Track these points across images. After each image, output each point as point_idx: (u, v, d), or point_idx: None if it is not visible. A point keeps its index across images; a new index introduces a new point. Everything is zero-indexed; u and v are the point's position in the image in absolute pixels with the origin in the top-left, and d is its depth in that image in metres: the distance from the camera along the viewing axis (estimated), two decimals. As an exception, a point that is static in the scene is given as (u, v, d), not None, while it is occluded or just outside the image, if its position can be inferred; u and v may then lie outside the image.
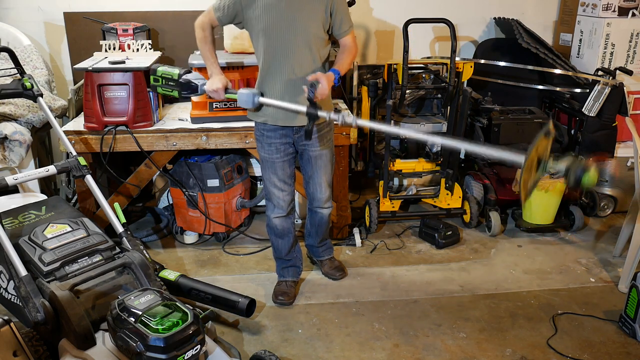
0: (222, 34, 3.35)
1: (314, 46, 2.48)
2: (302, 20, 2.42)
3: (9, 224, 2.46)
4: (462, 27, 4.22)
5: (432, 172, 3.69)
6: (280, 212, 2.75)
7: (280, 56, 2.46)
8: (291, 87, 2.49)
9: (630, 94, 3.73)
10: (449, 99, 3.46)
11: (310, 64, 2.49)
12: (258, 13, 2.43)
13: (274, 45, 2.45)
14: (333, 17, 2.49)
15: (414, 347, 2.52)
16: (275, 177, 2.68)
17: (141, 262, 2.33)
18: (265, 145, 2.63)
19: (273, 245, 2.89)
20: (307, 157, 2.69)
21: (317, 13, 2.45)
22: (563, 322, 2.70)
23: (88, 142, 3.07)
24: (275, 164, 2.65)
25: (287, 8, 2.41)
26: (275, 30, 2.43)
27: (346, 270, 3.10)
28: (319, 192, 2.79)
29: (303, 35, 2.44)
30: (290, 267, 2.92)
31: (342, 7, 2.51)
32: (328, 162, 2.74)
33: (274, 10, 2.41)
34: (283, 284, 2.90)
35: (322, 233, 2.99)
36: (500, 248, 3.44)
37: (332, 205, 2.92)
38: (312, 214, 2.92)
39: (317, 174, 2.74)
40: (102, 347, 2.04)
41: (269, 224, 2.81)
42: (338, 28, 2.54)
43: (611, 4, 3.75)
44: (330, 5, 2.46)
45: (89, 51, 3.49)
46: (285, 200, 2.73)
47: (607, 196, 3.80)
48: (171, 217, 3.62)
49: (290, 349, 2.51)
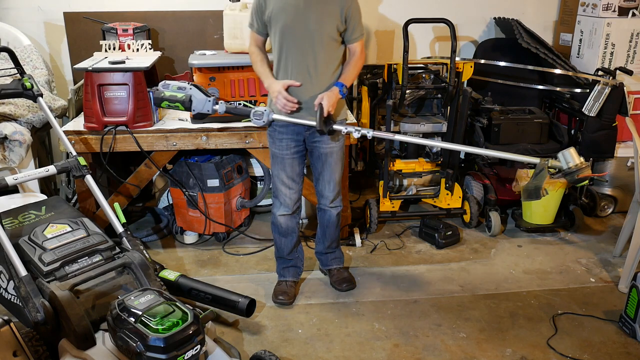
0: (222, 34, 3.35)
1: (327, 46, 2.56)
2: (318, 20, 2.51)
3: (9, 224, 2.46)
4: (462, 27, 4.22)
5: (432, 172, 3.69)
6: (286, 210, 2.76)
7: (296, 54, 2.54)
8: (307, 84, 2.57)
9: (630, 94, 3.73)
10: (449, 99, 3.46)
11: (325, 63, 2.58)
12: (277, 11, 2.52)
13: (289, 43, 2.53)
14: (347, 22, 2.57)
15: (414, 347, 2.52)
16: (284, 174, 2.70)
17: (141, 262, 2.33)
18: (277, 141, 2.67)
19: (276, 243, 2.89)
20: (318, 154, 2.72)
21: (333, 16, 2.53)
22: (563, 322, 2.70)
23: (88, 142, 3.07)
24: (285, 160, 2.68)
25: (305, 8, 2.49)
26: (292, 28, 2.51)
27: (354, 281, 3.01)
28: (327, 190, 2.80)
29: (318, 35, 2.52)
30: (291, 267, 2.92)
31: (356, 14, 2.59)
32: (339, 159, 2.76)
33: (291, 9, 2.50)
34: (283, 283, 2.90)
35: (331, 235, 2.95)
36: (500, 248, 3.44)
37: (341, 204, 2.90)
38: (321, 214, 2.92)
39: (326, 171, 2.76)
40: (102, 347, 2.04)
41: (274, 222, 2.82)
42: (350, 34, 2.60)
43: (611, 4, 3.75)
44: (347, 10, 2.54)
45: (89, 51, 3.49)
46: (291, 198, 2.75)
47: (607, 196, 3.80)
48: (171, 217, 3.62)
49: (290, 349, 2.51)
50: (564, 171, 2.32)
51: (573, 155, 2.30)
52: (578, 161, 2.29)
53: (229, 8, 3.27)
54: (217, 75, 3.18)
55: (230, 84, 3.20)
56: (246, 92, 3.21)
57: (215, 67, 3.18)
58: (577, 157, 2.30)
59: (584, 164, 2.29)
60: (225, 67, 3.19)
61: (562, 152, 2.33)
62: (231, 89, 3.19)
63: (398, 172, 3.65)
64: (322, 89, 2.57)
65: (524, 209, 3.59)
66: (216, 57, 3.25)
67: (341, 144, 2.75)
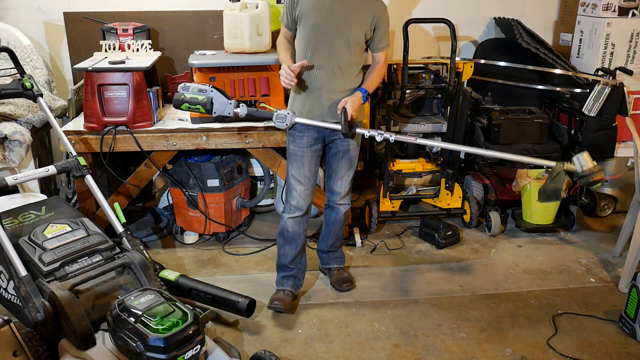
0: (222, 34, 3.35)
1: (353, 50, 2.60)
2: (348, 24, 2.55)
3: (9, 224, 2.46)
4: (462, 27, 4.22)
5: (432, 172, 3.69)
6: (298, 212, 2.74)
7: (323, 53, 2.58)
8: (332, 83, 2.61)
9: (630, 94, 3.73)
10: (449, 99, 3.46)
11: (349, 65, 2.62)
12: (309, 9, 2.56)
13: (317, 42, 2.57)
14: (376, 30, 2.61)
15: (414, 347, 2.52)
16: (301, 172, 2.71)
17: (141, 262, 2.33)
18: (297, 138, 2.69)
19: (278, 251, 2.84)
20: (336, 150, 2.75)
21: (364, 22, 2.57)
22: (563, 322, 2.70)
23: (88, 142, 3.07)
24: (304, 157, 2.70)
25: (338, 10, 2.54)
26: (322, 28, 2.55)
27: (354, 282, 3.03)
28: (339, 186, 2.82)
29: (346, 38, 2.57)
30: (291, 277, 2.84)
31: (385, 25, 2.64)
32: (354, 157, 2.79)
33: (325, 9, 2.54)
34: (280, 292, 2.82)
35: (336, 234, 2.95)
36: (500, 248, 3.44)
37: (349, 203, 2.91)
38: (328, 211, 2.92)
39: (341, 168, 2.78)
40: (102, 347, 2.04)
41: (281, 226, 2.78)
42: (377, 42, 2.66)
43: (611, 4, 3.75)
44: (377, 19, 2.59)
45: (89, 51, 3.49)
46: (305, 198, 2.73)
47: (607, 196, 3.80)
48: (171, 217, 3.62)
49: (290, 349, 2.51)
50: (578, 174, 2.41)
51: (587, 159, 2.39)
52: (592, 165, 2.38)
53: (229, 8, 3.27)
54: (217, 75, 3.18)
55: (230, 84, 3.20)
56: (246, 92, 3.21)
57: (215, 67, 3.18)
58: (591, 161, 2.39)
59: (597, 167, 2.38)
60: (225, 67, 3.19)
61: (577, 156, 2.41)
62: (231, 89, 3.19)
63: (398, 172, 3.65)
64: (342, 91, 2.62)
65: (524, 209, 3.59)
66: (216, 57, 3.25)
67: (358, 142, 2.78)
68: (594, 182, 2.40)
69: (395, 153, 3.73)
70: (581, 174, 2.40)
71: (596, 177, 2.38)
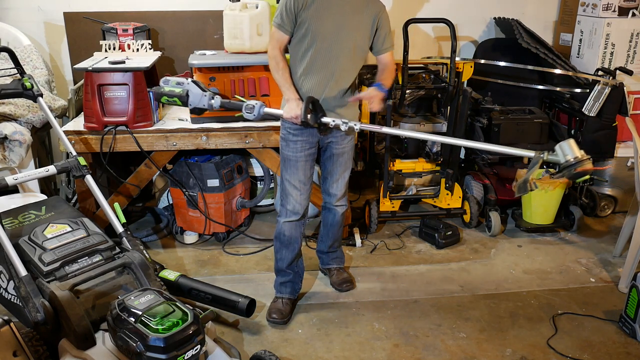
0: (222, 34, 3.35)
1: (355, 56, 2.58)
2: (350, 29, 2.52)
3: (9, 224, 2.46)
4: (462, 27, 4.22)
5: (432, 172, 3.69)
6: (294, 216, 2.71)
7: (323, 59, 2.53)
8: (330, 89, 2.57)
9: (630, 94, 3.73)
10: (449, 99, 3.46)
11: (349, 71, 2.60)
12: (311, 15, 2.49)
13: (319, 47, 2.52)
14: (378, 31, 2.58)
15: (414, 347, 2.52)
16: (296, 177, 2.67)
17: (141, 262, 2.33)
18: (291, 144, 2.64)
19: (276, 255, 2.82)
20: (330, 153, 2.73)
21: (365, 25, 2.55)
22: (563, 322, 2.70)
23: (88, 142, 3.07)
24: (298, 162, 2.66)
25: (339, 15, 2.50)
26: (323, 34, 2.50)
27: (354, 282, 3.02)
28: (335, 188, 2.81)
29: (347, 43, 2.53)
30: (288, 282, 2.81)
31: (387, 24, 2.61)
32: (349, 159, 2.78)
33: (325, 14, 2.49)
34: (279, 301, 2.79)
35: (334, 235, 2.95)
36: (500, 248, 3.44)
37: (346, 204, 2.91)
38: (325, 213, 2.92)
39: (336, 171, 2.77)
40: (102, 347, 2.04)
41: (277, 230, 2.77)
42: (381, 43, 2.62)
43: (611, 4, 3.75)
44: (378, 19, 2.56)
45: (89, 51, 3.49)
46: (301, 203, 2.70)
47: (607, 196, 3.80)
48: (171, 217, 3.62)
49: (290, 349, 2.51)
50: (561, 165, 2.09)
51: (573, 148, 2.07)
52: (578, 154, 2.05)
53: (229, 8, 3.27)
54: (217, 75, 3.18)
55: (230, 83, 3.20)
56: (246, 92, 3.21)
57: (215, 67, 3.18)
58: (577, 150, 2.07)
59: (584, 156, 2.05)
60: (225, 67, 3.19)
61: (560, 144, 2.10)
62: (231, 89, 3.19)
63: (398, 172, 3.65)
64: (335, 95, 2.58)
65: (524, 209, 3.59)
66: (216, 57, 3.25)
67: (352, 144, 2.77)
68: (580, 174, 2.06)
69: (395, 153, 3.73)
70: (564, 164, 2.07)
71: (582, 168, 2.04)
